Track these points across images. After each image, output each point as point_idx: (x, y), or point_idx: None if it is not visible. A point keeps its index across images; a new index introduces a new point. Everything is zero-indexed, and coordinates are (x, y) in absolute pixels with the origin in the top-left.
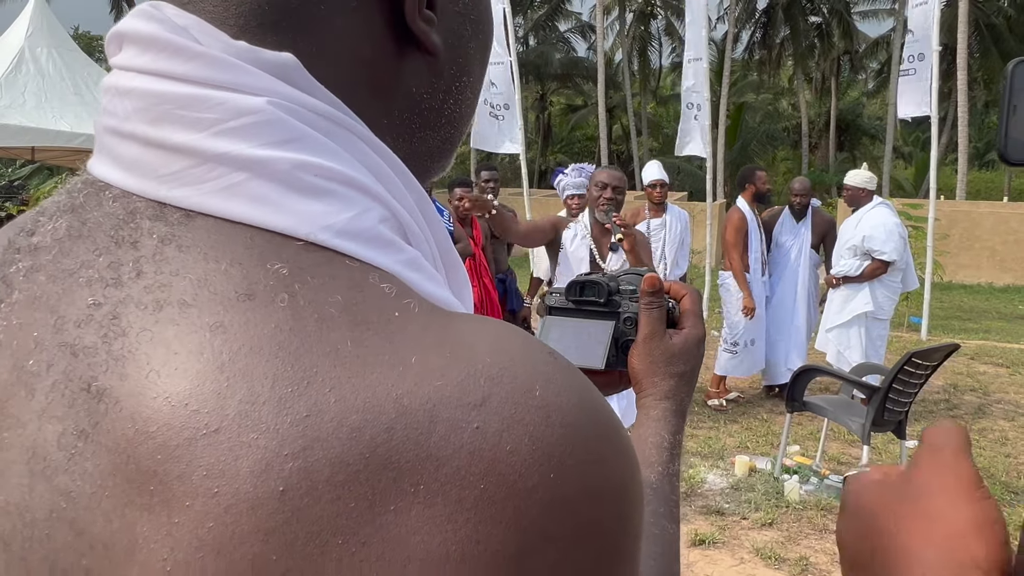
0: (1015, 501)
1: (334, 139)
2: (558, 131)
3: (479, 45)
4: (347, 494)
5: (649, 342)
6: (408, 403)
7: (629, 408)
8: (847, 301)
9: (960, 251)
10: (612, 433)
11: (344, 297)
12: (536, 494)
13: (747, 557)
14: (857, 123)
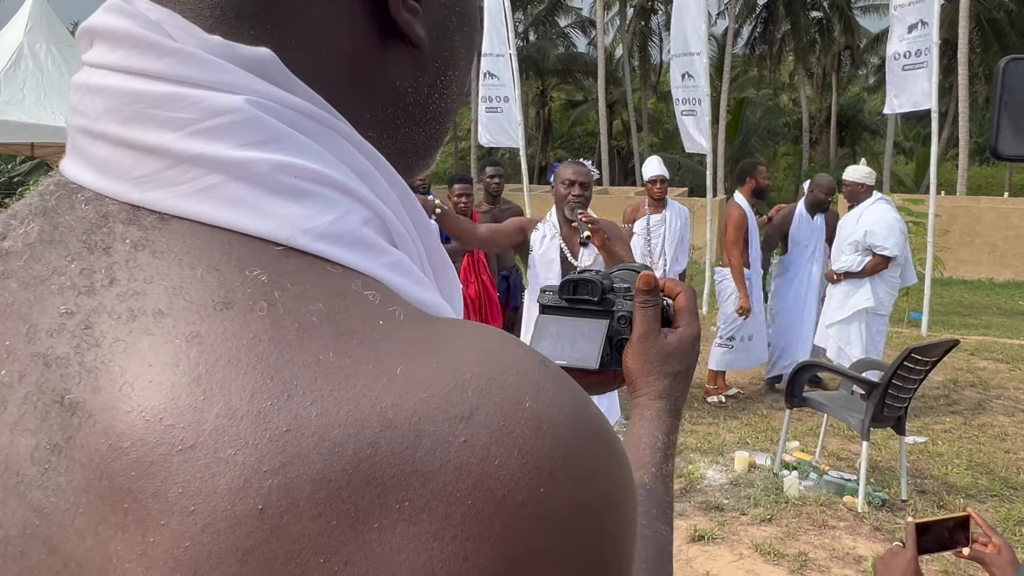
0: (1014, 496)
1: (315, 138)
2: (558, 127)
3: (464, 39)
4: (329, 511)
5: (644, 341)
6: (393, 416)
7: (611, 408)
8: (848, 297)
9: (960, 247)
10: (606, 445)
11: (326, 305)
12: (526, 509)
13: (746, 553)
14: (858, 118)
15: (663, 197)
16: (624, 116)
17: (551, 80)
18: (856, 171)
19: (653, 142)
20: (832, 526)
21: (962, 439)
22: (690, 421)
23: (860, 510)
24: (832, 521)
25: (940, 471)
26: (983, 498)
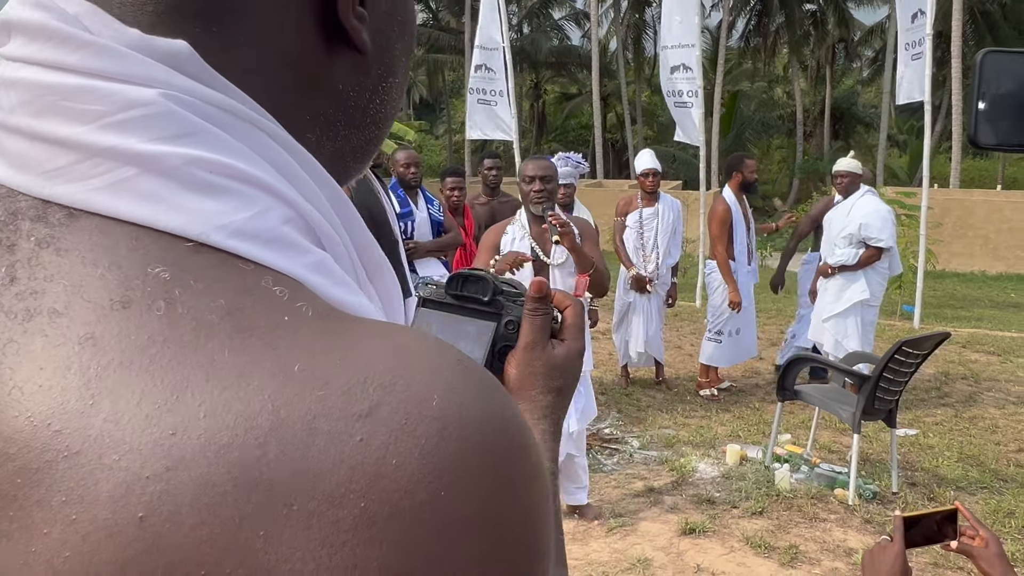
0: (1004, 488)
1: (234, 134)
2: (552, 120)
3: (404, 47)
4: (212, 519)
5: (531, 350)
6: (286, 415)
7: (588, 406)
8: (843, 290)
9: (953, 239)
10: (521, 453)
11: (228, 302)
12: (423, 514)
13: (737, 546)
14: (852, 111)
15: (656, 190)
16: (618, 109)
17: (545, 73)
18: (849, 162)
19: (647, 135)
20: (823, 519)
21: (953, 431)
22: (683, 414)
23: (851, 503)
24: (823, 514)
25: (931, 463)
26: (973, 490)
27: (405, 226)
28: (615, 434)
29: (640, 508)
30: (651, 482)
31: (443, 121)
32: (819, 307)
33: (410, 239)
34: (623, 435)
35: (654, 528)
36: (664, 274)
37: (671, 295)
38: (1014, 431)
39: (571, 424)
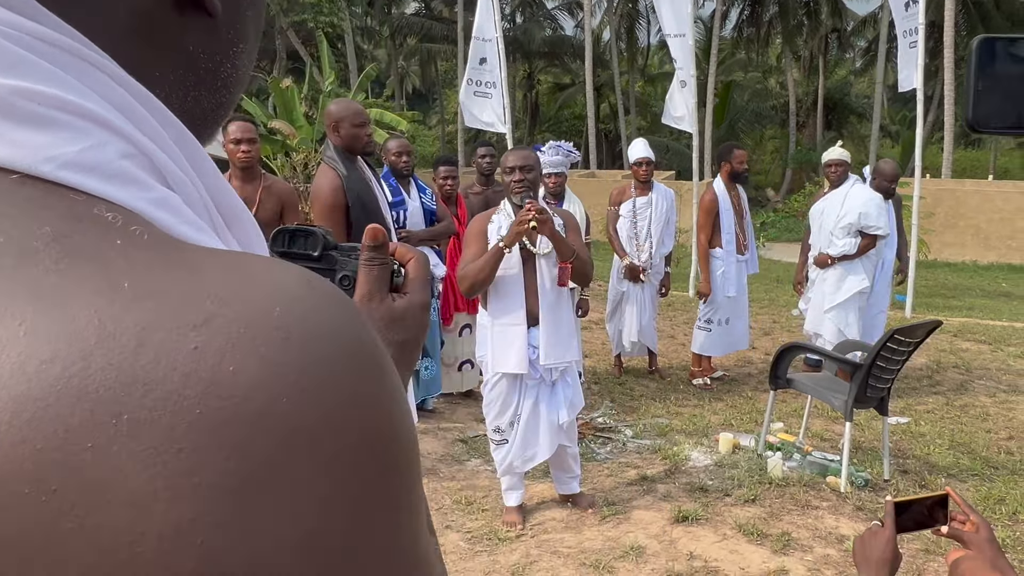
0: (994, 476)
1: (66, 69)
2: (546, 110)
3: (255, 15)
4: (33, 434)
5: (367, 302)
6: (113, 328)
7: (576, 396)
8: (842, 280)
9: (945, 229)
10: (376, 371)
11: (55, 228)
12: (264, 421)
13: (730, 533)
14: (845, 102)
15: (649, 179)
16: (612, 99)
17: (538, 63)
18: (840, 151)
19: (641, 125)
20: (815, 506)
21: (944, 419)
22: (676, 403)
23: (843, 490)
24: (815, 501)
25: (922, 451)
26: (964, 477)
27: (397, 215)
28: (608, 423)
29: (633, 496)
30: (644, 470)
31: (436, 112)
32: (818, 298)
33: (402, 228)
34: (616, 424)
35: (647, 516)
36: (657, 263)
37: (664, 284)
38: (1005, 419)
39: (561, 415)
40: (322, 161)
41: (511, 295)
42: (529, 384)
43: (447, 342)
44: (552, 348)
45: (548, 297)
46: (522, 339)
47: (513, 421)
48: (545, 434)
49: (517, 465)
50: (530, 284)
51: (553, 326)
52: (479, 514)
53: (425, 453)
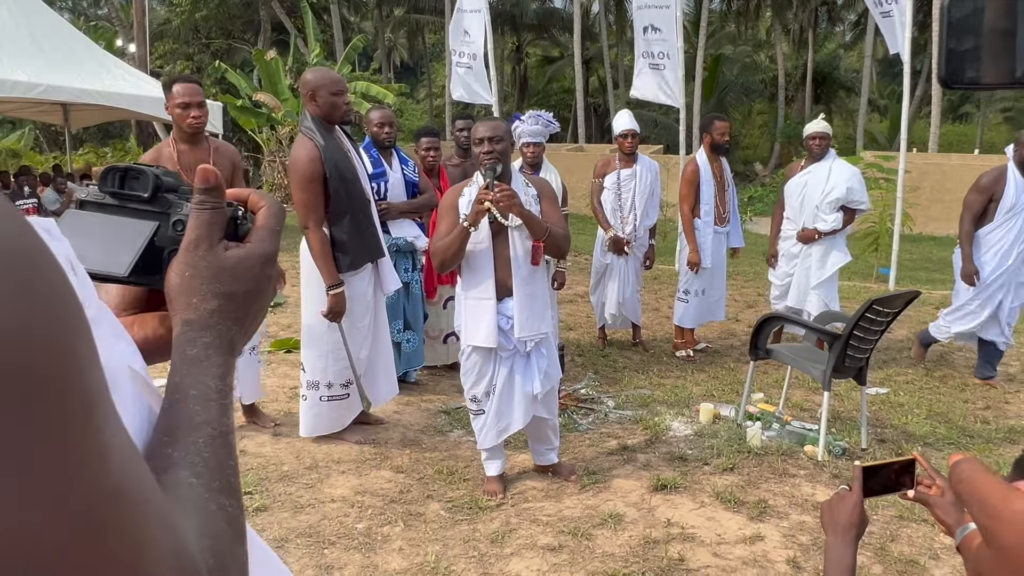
0: (970, 444)
1: None
2: (534, 83)
3: None
4: None
5: (193, 250)
6: None
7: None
8: (826, 256)
9: (930, 203)
10: (18, 263)
11: None
12: None
13: (707, 500)
14: (833, 76)
15: (634, 151)
16: (600, 73)
17: (527, 36)
18: (822, 124)
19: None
20: (792, 474)
21: (923, 390)
22: (658, 375)
23: (820, 459)
24: (792, 469)
25: (900, 420)
26: (940, 446)
27: (378, 187)
28: (591, 394)
29: (613, 466)
30: (625, 440)
31: (424, 85)
32: (803, 274)
33: (383, 200)
34: (599, 395)
35: (627, 485)
36: (642, 236)
37: (649, 257)
38: (982, 390)
39: (535, 386)
40: (300, 131)
41: (480, 269)
42: (503, 356)
43: (431, 315)
44: (526, 320)
45: (521, 270)
46: (491, 313)
47: (488, 391)
48: (519, 404)
49: (492, 436)
50: (502, 256)
51: (527, 299)
52: (460, 484)
53: (407, 424)
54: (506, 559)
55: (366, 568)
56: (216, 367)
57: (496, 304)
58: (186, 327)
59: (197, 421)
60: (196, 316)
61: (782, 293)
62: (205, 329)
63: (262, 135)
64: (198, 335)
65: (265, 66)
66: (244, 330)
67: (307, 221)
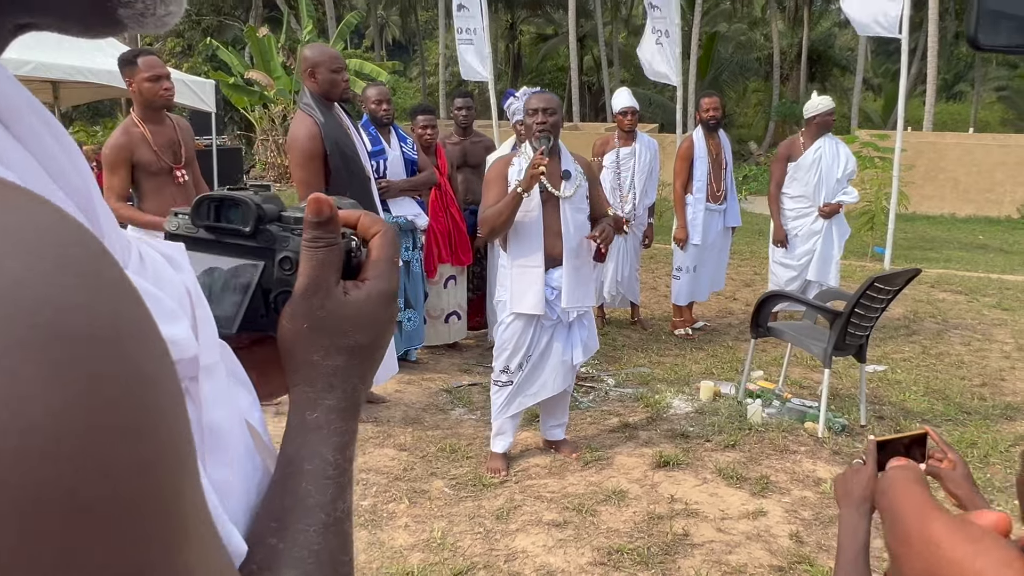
0: (967, 420)
1: None
2: (528, 61)
3: None
4: None
5: (310, 297)
6: None
7: (591, 339)
8: (840, 231)
9: (925, 182)
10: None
11: None
12: None
13: (709, 477)
14: (828, 54)
15: (633, 129)
16: (595, 51)
17: (521, 13)
18: (827, 100)
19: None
20: (793, 451)
21: (920, 367)
22: (657, 353)
23: (820, 435)
24: (793, 446)
25: (898, 397)
26: (938, 422)
27: (377, 165)
28: (591, 372)
29: (616, 443)
30: (626, 418)
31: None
32: (826, 249)
33: (382, 178)
34: (599, 374)
35: (629, 462)
36: (641, 215)
37: (647, 236)
38: (979, 367)
39: (576, 355)
40: (298, 108)
41: (530, 237)
42: (546, 324)
43: (432, 294)
44: (573, 291)
45: (571, 241)
46: (539, 281)
47: (522, 363)
48: (554, 372)
49: (517, 404)
50: (551, 226)
51: (575, 270)
52: (464, 461)
53: (409, 403)
54: (512, 535)
55: (373, 545)
56: (337, 435)
57: (544, 272)
58: (307, 388)
59: (310, 504)
60: (318, 373)
61: (799, 273)
62: (329, 390)
63: (255, 113)
64: (320, 396)
65: (257, 43)
66: (367, 382)
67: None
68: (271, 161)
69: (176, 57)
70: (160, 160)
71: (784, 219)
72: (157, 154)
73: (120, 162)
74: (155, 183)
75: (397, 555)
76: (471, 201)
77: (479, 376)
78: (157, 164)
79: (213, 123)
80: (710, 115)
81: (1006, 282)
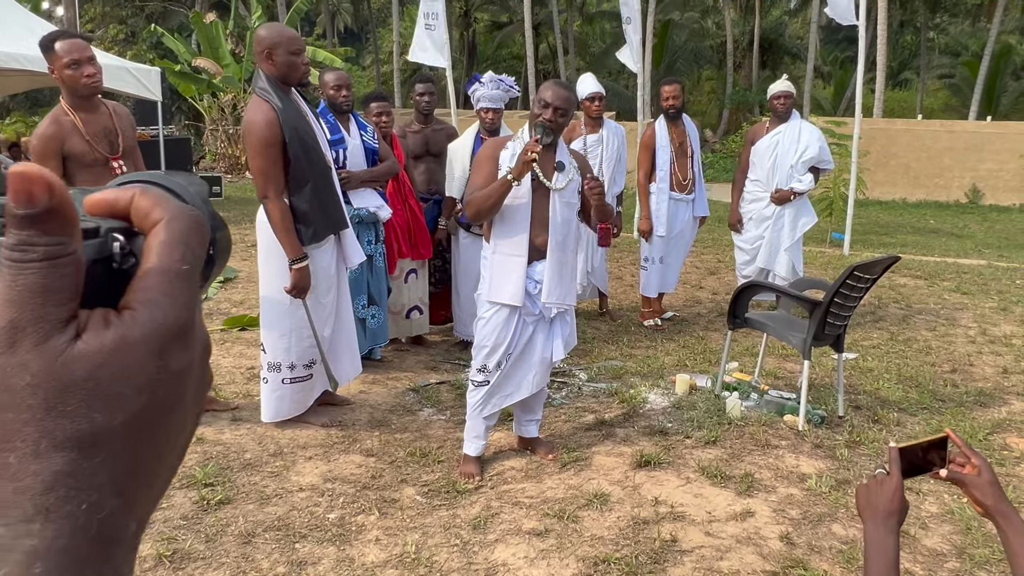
0: (943, 408)
1: None
2: (483, 50)
3: None
4: None
5: (4, 352)
6: None
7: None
8: (797, 218)
9: (877, 168)
10: None
11: None
12: None
13: (693, 476)
14: (780, 42)
15: (600, 115)
16: (550, 39)
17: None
18: (787, 83)
19: (579, 65)
20: (775, 445)
21: (890, 354)
22: (628, 345)
23: (801, 428)
24: (774, 440)
25: (872, 386)
26: (914, 411)
27: (337, 154)
28: (562, 367)
29: (593, 442)
30: (602, 415)
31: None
32: (775, 236)
33: (343, 168)
34: (570, 368)
35: (608, 462)
36: (609, 202)
37: (616, 224)
38: (946, 352)
39: (556, 352)
40: (253, 93)
41: (516, 224)
42: (527, 320)
43: (393, 289)
44: (555, 287)
45: (558, 234)
46: (521, 270)
47: (501, 362)
48: (533, 370)
49: (495, 403)
50: (538, 216)
51: (559, 265)
52: (435, 466)
53: (375, 404)
54: (490, 546)
55: (342, 562)
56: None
57: (526, 263)
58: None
59: None
60: (15, 496)
61: (751, 258)
62: (35, 522)
63: (203, 103)
64: (16, 541)
65: (204, 30)
66: (142, 503)
67: (266, 190)
68: (222, 152)
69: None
70: (94, 150)
71: (742, 203)
72: (90, 144)
73: (49, 153)
74: (90, 175)
75: (368, 573)
76: (434, 191)
77: (447, 373)
78: (91, 155)
79: (160, 112)
80: (670, 103)
81: (962, 266)
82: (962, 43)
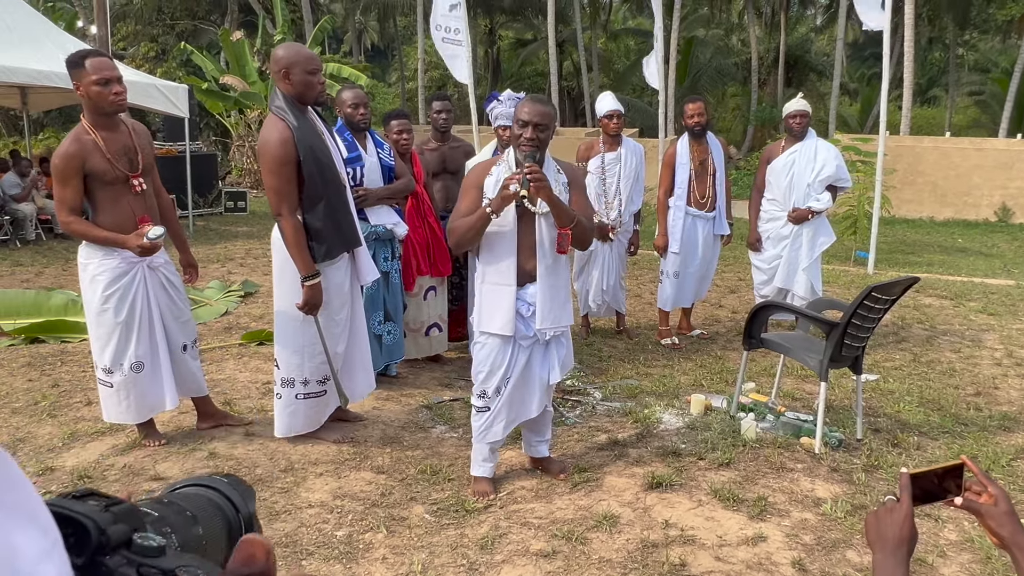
0: (965, 433)
1: None
2: (507, 67)
3: None
4: None
5: None
6: None
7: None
8: (815, 237)
9: (903, 186)
10: None
11: None
12: None
13: (705, 499)
14: (805, 59)
15: (619, 133)
16: (574, 56)
17: (500, 18)
18: (802, 102)
19: (603, 82)
20: (790, 468)
21: (912, 376)
22: (644, 364)
23: (817, 451)
24: (790, 463)
25: (892, 409)
26: (936, 435)
27: (353, 172)
28: (577, 385)
29: (605, 462)
30: (615, 434)
31: (395, 68)
32: (793, 255)
33: (359, 185)
34: (585, 386)
35: (620, 482)
36: (627, 221)
37: (633, 243)
38: (971, 374)
39: (552, 375)
40: (269, 111)
41: (502, 253)
42: (523, 344)
43: (411, 307)
44: (548, 311)
45: (547, 258)
46: (510, 300)
47: (500, 387)
48: (534, 393)
49: (500, 430)
50: (526, 241)
51: (550, 289)
52: (445, 484)
53: (388, 421)
54: (497, 567)
55: None
56: None
57: (516, 290)
58: None
59: None
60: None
61: (769, 277)
62: None
63: (230, 119)
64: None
65: (232, 48)
66: None
67: (280, 208)
68: (247, 167)
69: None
70: (115, 168)
71: (760, 222)
72: (111, 162)
73: (72, 172)
74: (110, 193)
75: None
76: (452, 209)
77: (461, 391)
78: (112, 173)
79: (187, 129)
80: (695, 121)
81: (990, 286)
82: (992, 59)
